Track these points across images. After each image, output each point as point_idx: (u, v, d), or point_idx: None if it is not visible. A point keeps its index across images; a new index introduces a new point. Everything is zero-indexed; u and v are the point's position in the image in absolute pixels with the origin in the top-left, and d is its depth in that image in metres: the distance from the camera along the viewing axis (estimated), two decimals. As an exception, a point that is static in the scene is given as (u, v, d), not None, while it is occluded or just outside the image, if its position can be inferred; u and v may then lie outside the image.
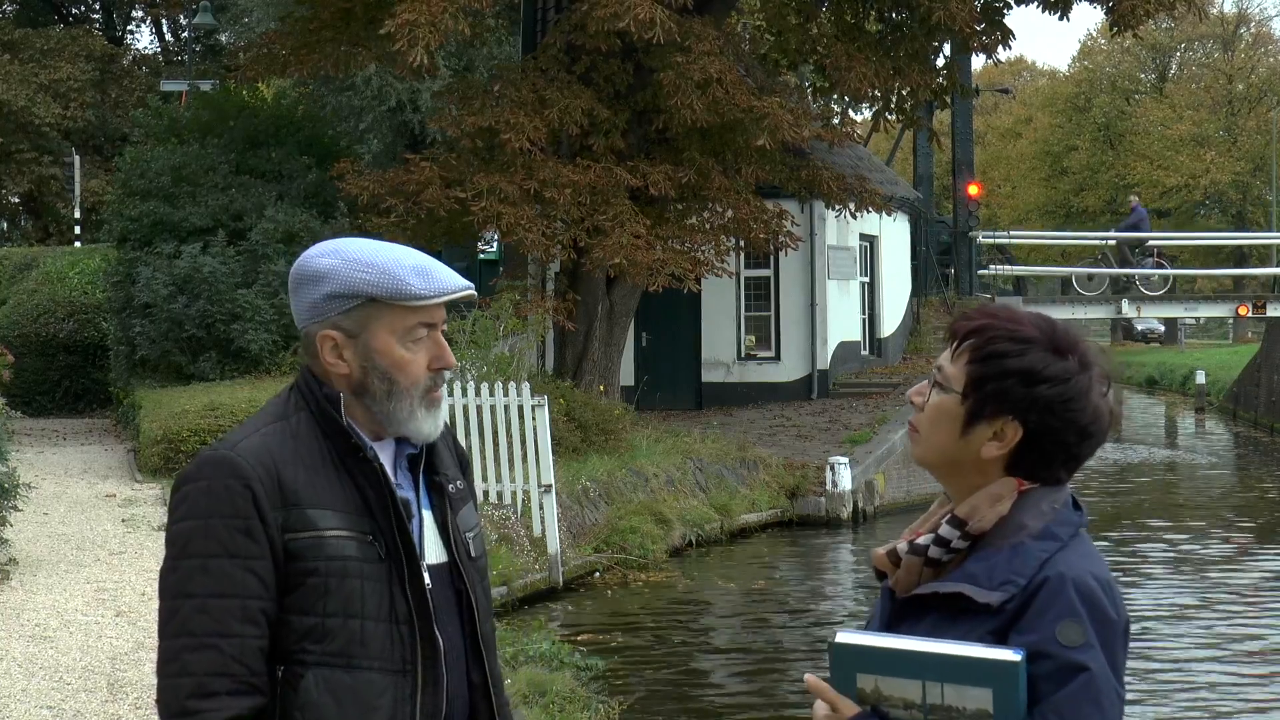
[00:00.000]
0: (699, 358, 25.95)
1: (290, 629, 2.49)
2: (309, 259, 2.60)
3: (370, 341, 2.56)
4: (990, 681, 2.14)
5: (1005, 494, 2.31)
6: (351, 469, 2.55)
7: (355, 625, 2.50)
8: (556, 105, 19.11)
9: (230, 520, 2.46)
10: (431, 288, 2.56)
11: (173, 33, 47.10)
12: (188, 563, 2.47)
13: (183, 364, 20.41)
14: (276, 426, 2.56)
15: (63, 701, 7.84)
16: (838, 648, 2.26)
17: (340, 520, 2.51)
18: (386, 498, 2.55)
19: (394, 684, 2.52)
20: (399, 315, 2.56)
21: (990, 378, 2.30)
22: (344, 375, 2.58)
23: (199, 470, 2.51)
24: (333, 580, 2.49)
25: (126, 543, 12.66)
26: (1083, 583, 2.22)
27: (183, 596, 2.46)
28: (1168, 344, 60.39)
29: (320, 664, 2.49)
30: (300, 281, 2.60)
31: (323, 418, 2.57)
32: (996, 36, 21.01)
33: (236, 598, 2.45)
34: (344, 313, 2.56)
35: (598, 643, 12.45)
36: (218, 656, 2.43)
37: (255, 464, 2.49)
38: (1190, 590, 15.37)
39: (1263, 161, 60.79)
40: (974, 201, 31.93)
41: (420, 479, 2.66)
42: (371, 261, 2.55)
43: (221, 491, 2.47)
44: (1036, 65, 79.85)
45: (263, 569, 2.47)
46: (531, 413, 14.30)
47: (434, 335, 2.60)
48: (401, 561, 2.54)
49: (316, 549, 2.49)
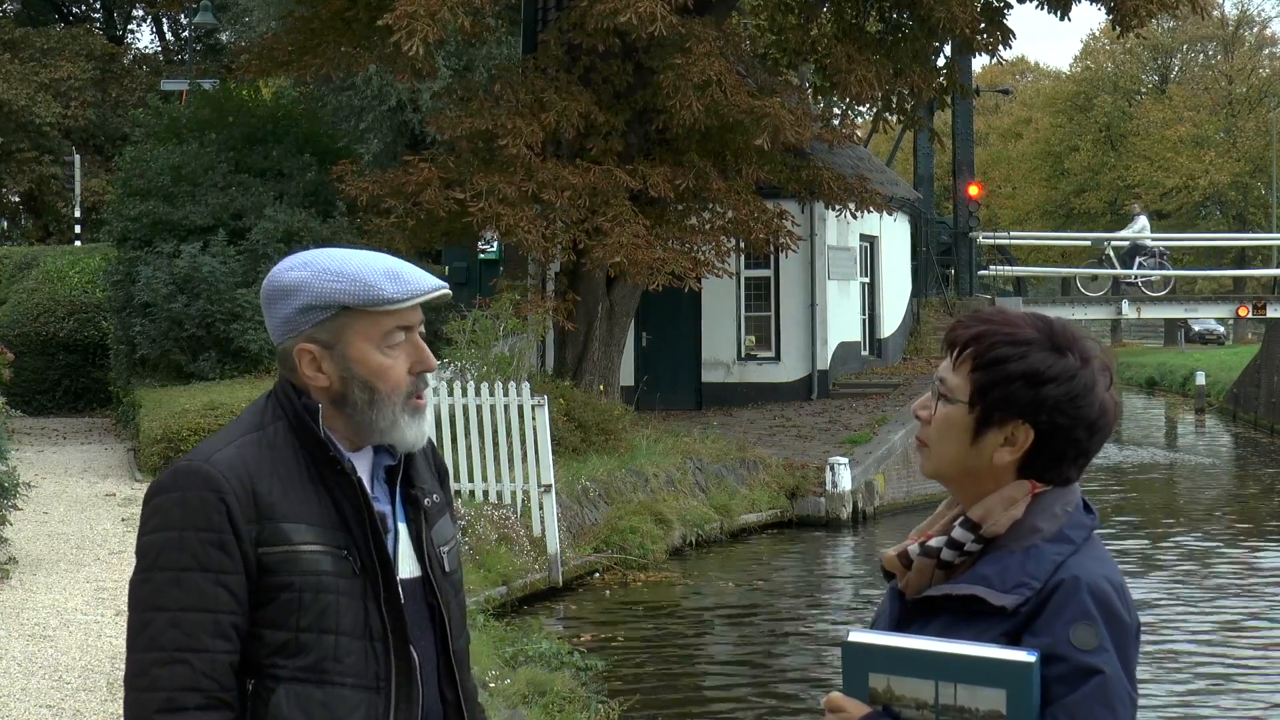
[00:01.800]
0: (699, 358, 25.94)
1: (262, 643, 2.46)
2: (278, 274, 2.57)
3: (347, 351, 2.52)
4: (1004, 682, 2.13)
5: (1019, 497, 2.30)
6: (328, 481, 2.51)
7: (329, 641, 2.47)
8: (555, 108, 19.09)
9: (204, 533, 2.43)
10: (403, 290, 2.51)
11: (173, 32, 47.09)
12: (160, 575, 2.44)
13: (183, 363, 20.41)
14: (253, 437, 2.52)
15: (62, 700, 7.82)
16: (850, 647, 2.24)
17: (315, 534, 2.48)
18: (363, 512, 2.51)
19: (367, 700, 2.48)
20: (374, 321, 2.52)
21: (995, 384, 2.28)
22: (324, 388, 2.53)
23: (173, 481, 2.48)
24: (307, 595, 2.46)
25: (126, 542, 12.64)
26: (1097, 586, 2.22)
27: (154, 609, 2.43)
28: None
29: (292, 679, 2.46)
30: (272, 297, 2.57)
31: (300, 428, 2.53)
32: (997, 36, 21.00)
33: (208, 612, 2.42)
34: (318, 324, 2.52)
35: (598, 643, 12.44)
36: (188, 671, 2.40)
37: (230, 476, 2.45)
38: (1188, 586, 15.36)
39: (1263, 163, 60.81)
40: (974, 202, 31.92)
41: (397, 491, 2.62)
42: (340, 270, 2.52)
43: (195, 504, 2.44)
44: (1038, 65, 79.83)
45: (235, 583, 2.44)
46: (531, 412, 14.28)
47: (412, 338, 2.56)
48: (377, 576, 2.51)
49: (291, 564, 2.46)
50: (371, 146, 30.34)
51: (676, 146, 20.36)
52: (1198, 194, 61.77)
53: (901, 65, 20.92)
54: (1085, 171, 65.82)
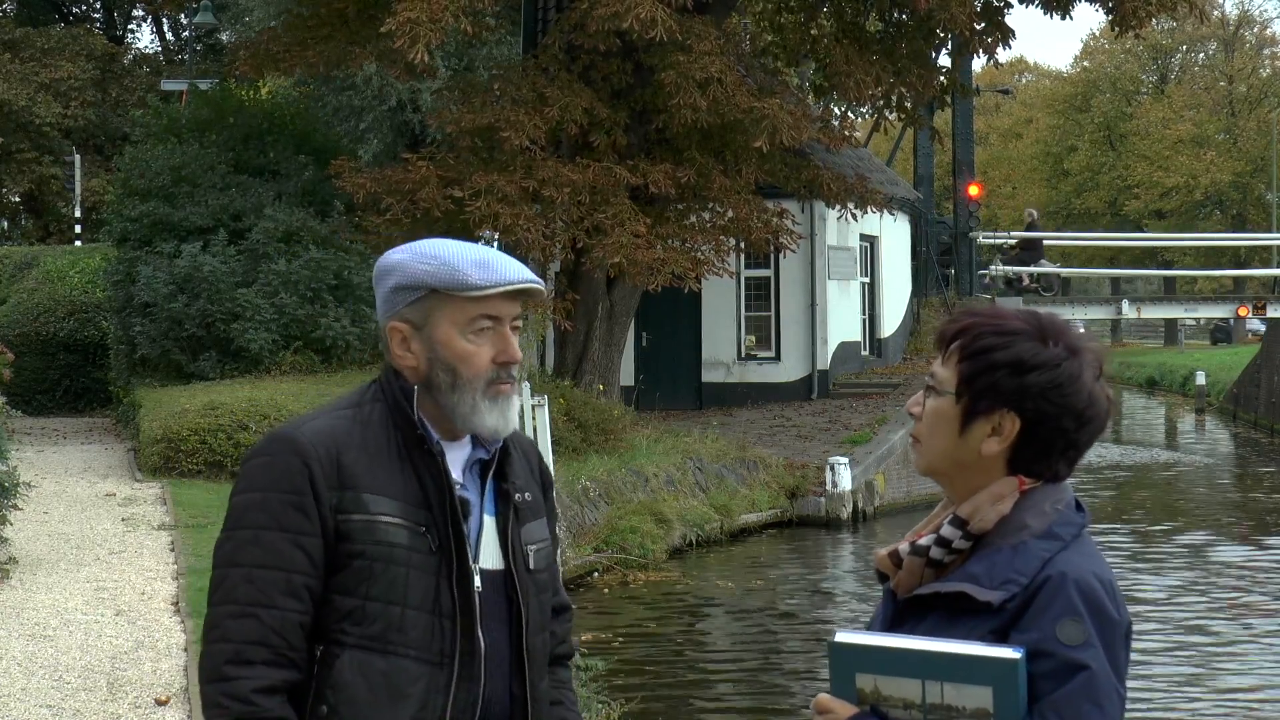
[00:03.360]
0: (699, 358, 25.95)
1: (333, 608, 2.53)
2: (386, 255, 2.68)
3: (433, 333, 2.60)
4: (990, 680, 2.14)
5: (1007, 493, 2.31)
6: (415, 460, 2.58)
7: (396, 612, 2.52)
8: (557, 104, 19.10)
9: (286, 495, 2.52)
10: (489, 278, 2.58)
11: (173, 32, 47.08)
12: (241, 533, 2.53)
13: (183, 363, 20.42)
14: (348, 413, 2.62)
15: (62, 701, 7.83)
16: (836, 647, 2.25)
17: (395, 508, 2.54)
18: (445, 492, 2.57)
19: (428, 674, 2.53)
20: (459, 306, 2.59)
21: (980, 372, 2.30)
22: (411, 367, 2.62)
23: (265, 446, 2.59)
24: (378, 565, 2.52)
25: (126, 542, 12.65)
26: (1084, 582, 2.22)
27: (231, 565, 2.52)
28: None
29: (357, 646, 2.52)
30: (377, 277, 2.67)
31: (396, 410, 2.61)
32: (996, 36, 21.01)
33: (282, 570, 2.50)
34: (410, 304, 2.61)
35: (598, 643, 12.45)
36: (257, 626, 2.48)
37: (317, 444, 2.54)
38: (1189, 586, 15.37)
39: (1263, 163, 60.78)
40: (974, 202, 31.94)
41: (489, 485, 2.67)
42: (435, 254, 2.61)
43: (281, 467, 2.53)
44: (1037, 65, 79.84)
45: (312, 546, 2.51)
46: (531, 412, 14.28)
47: (499, 329, 2.62)
48: (452, 557, 2.56)
49: (367, 532, 2.52)
50: (372, 147, 30.31)
51: (677, 145, 20.37)
52: (1198, 194, 61.74)
53: (901, 65, 20.92)
54: (1085, 171, 65.79)
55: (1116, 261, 54.21)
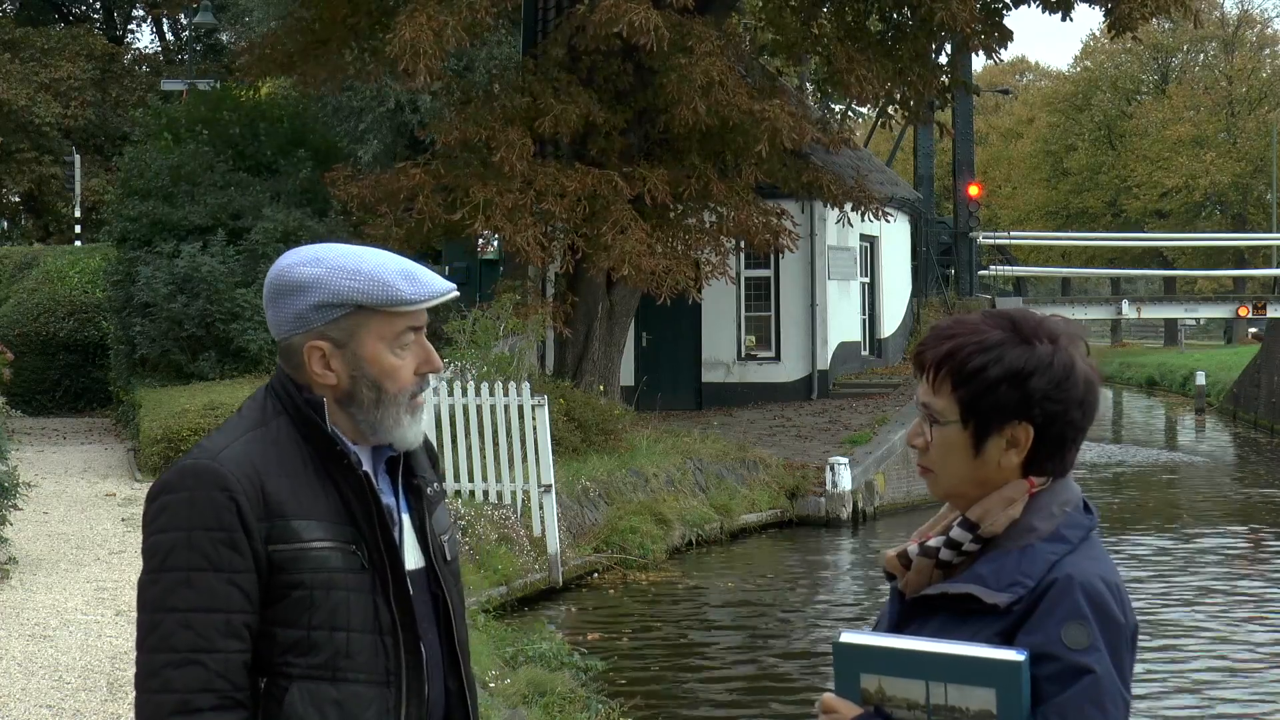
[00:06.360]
0: (699, 358, 25.95)
1: (274, 641, 2.45)
2: (290, 269, 2.53)
3: (359, 350, 2.50)
4: (993, 682, 2.14)
5: (1017, 497, 2.30)
6: (334, 476, 2.50)
7: (341, 638, 2.46)
8: (551, 112, 19.06)
9: (214, 533, 2.41)
10: (420, 291, 2.51)
11: (173, 32, 47.07)
12: (170, 575, 2.41)
13: (182, 363, 20.42)
14: (257, 434, 2.50)
15: (62, 700, 7.83)
16: (841, 648, 2.25)
17: (324, 530, 2.46)
18: (370, 505, 2.50)
19: (379, 696, 2.48)
20: (388, 321, 2.50)
21: (980, 395, 2.28)
22: (331, 386, 2.51)
23: (180, 480, 2.45)
24: (318, 593, 2.44)
25: (126, 542, 12.65)
26: (1090, 585, 2.22)
27: (164, 610, 2.41)
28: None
29: (305, 677, 2.44)
30: (281, 292, 2.53)
31: (302, 423, 2.51)
32: (995, 36, 21.03)
33: (221, 612, 2.40)
34: (331, 322, 2.49)
35: (598, 643, 12.44)
36: (202, 672, 2.38)
37: (239, 475, 2.43)
38: (1187, 586, 15.37)
39: (1263, 163, 60.79)
40: (974, 202, 31.94)
41: (399, 482, 2.61)
42: (357, 269, 2.49)
43: (204, 503, 2.41)
44: (1038, 65, 79.84)
45: (247, 582, 2.42)
46: (531, 412, 14.29)
47: (420, 339, 2.55)
48: (385, 570, 2.50)
49: (301, 561, 2.44)
50: (371, 147, 30.32)
51: (677, 147, 20.36)
52: (1198, 194, 61.75)
53: (902, 64, 20.93)
54: (1084, 171, 65.81)
55: (1117, 261, 54.25)
